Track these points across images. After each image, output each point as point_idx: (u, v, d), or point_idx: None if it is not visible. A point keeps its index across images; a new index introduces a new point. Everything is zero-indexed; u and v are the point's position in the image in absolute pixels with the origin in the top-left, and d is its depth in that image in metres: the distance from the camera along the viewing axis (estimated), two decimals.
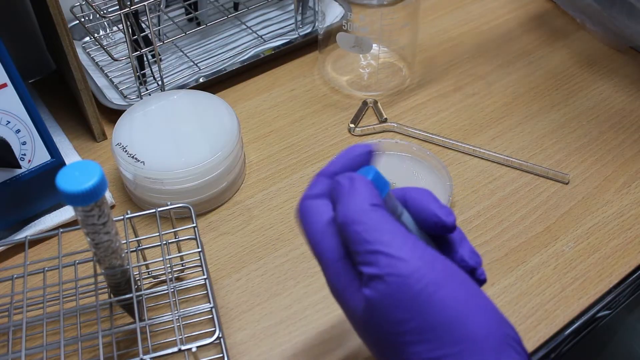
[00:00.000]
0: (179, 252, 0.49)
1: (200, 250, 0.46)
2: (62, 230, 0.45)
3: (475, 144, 0.62)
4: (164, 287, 0.43)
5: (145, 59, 0.68)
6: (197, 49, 0.74)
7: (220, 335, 0.43)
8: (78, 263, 0.46)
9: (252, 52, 0.72)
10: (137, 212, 0.47)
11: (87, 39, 0.75)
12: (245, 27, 0.76)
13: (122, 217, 0.45)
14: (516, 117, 0.66)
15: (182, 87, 0.68)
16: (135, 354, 0.39)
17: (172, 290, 0.43)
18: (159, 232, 0.45)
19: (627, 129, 0.64)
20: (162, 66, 0.70)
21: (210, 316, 0.49)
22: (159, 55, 0.66)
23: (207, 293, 0.44)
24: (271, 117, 0.67)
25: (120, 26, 0.73)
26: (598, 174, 0.60)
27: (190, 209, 0.47)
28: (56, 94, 0.69)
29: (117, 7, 0.60)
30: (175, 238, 0.48)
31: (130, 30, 0.63)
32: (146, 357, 0.38)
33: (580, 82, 0.70)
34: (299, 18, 0.76)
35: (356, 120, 0.65)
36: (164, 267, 0.45)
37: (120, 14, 0.59)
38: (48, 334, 0.46)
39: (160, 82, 0.67)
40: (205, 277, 0.45)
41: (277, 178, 0.60)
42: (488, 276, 0.52)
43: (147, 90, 0.68)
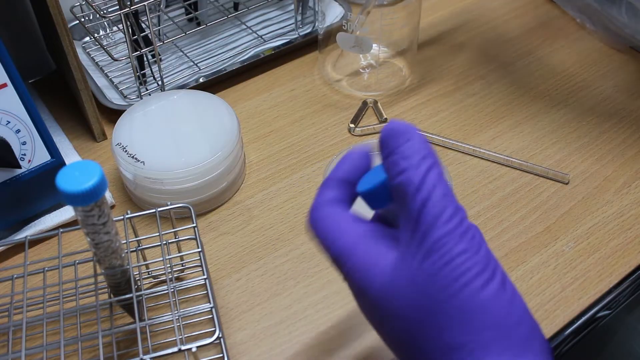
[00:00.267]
0: (179, 252, 0.49)
1: (200, 250, 0.46)
2: (62, 230, 0.45)
3: (475, 144, 0.62)
4: (164, 287, 0.43)
5: (145, 59, 0.68)
6: (197, 49, 0.74)
7: (220, 335, 0.43)
8: (78, 263, 0.46)
9: (252, 52, 0.72)
10: (137, 212, 0.47)
11: (87, 39, 0.75)
12: (245, 27, 0.76)
13: (122, 217, 0.45)
14: (516, 117, 0.66)
15: (182, 87, 0.68)
16: (135, 354, 0.39)
17: (172, 290, 0.43)
18: (159, 232, 0.45)
19: (627, 129, 0.64)
20: (162, 66, 0.70)
21: (210, 316, 0.49)
22: (159, 55, 0.66)
23: (207, 293, 0.44)
24: (271, 117, 0.67)
25: (120, 26, 0.73)
26: (598, 174, 0.60)
27: (190, 209, 0.47)
28: (56, 94, 0.69)
29: (117, 7, 0.60)
30: (175, 238, 0.48)
31: (130, 30, 0.63)
32: (146, 357, 0.38)
33: (580, 82, 0.70)
34: (299, 18, 0.76)
35: (356, 120, 0.65)
36: (164, 267, 0.45)
37: (120, 14, 0.59)
38: (48, 334, 0.46)
39: (160, 82, 0.67)
40: (205, 277, 0.45)
41: (277, 178, 0.60)
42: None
43: (147, 90, 0.68)
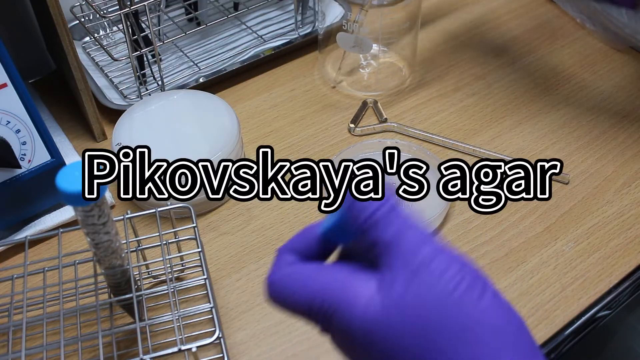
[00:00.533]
0: (179, 252, 0.49)
1: (200, 250, 0.46)
2: (62, 230, 0.45)
3: (475, 144, 0.62)
4: (164, 287, 0.43)
5: (145, 59, 0.68)
6: (197, 49, 0.74)
7: (220, 335, 0.43)
8: (78, 263, 0.46)
9: (252, 52, 0.72)
10: (137, 212, 0.47)
11: (87, 39, 0.75)
12: (245, 27, 0.76)
13: (122, 217, 0.45)
14: (516, 117, 0.66)
15: (182, 87, 0.67)
16: (135, 354, 0.39)
17: (172, 290, 0.43)
18: (159, 232, 0.45)
19: (627, 129, 0.64)
20: (162, 66, 0.70)
21: (210, 316, 0.49)
22: (159, 55, 0.66)
23: (207, 293, 0.44)
24: (271, 117, 0.67)
25: (120, 26, 0.73)
26: (598, 174, 0.60)
27: (190, 209, 0.47)
28: (56, 94, 0.69)
29: (117, 7, 0.60)
30: (175, 238, 0.48)
31: (130, 30, 0.63)
32: (146, 357, 0.38)
33: (580, 82, 0.70)
34: (299, 18, 0.76)
35: (356, 120, 0.65)
36: (164, 267, 0.45)
37: (120, 14, 0.59)
38: (48, 334, 0.46)
39: (160, 82, 0.67)
40: (205, 277, 0.45)
41: None
42: (488, 276, 0.52)
43: (147, 90, 0.68)
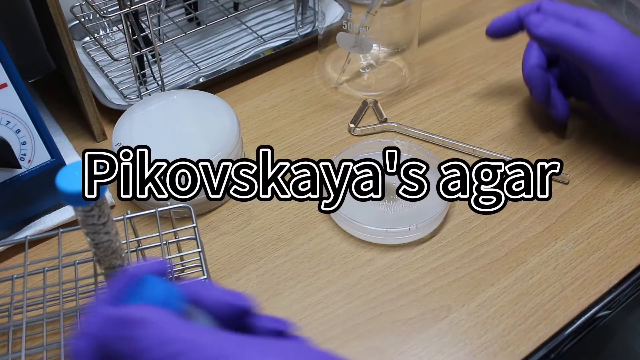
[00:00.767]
0: (179, 252, 0.49)
1: (200, 250, 0.46)
2: (62, 230, 0.45)
3: (475, 144, 0.62)
4: None
5: (145, 59, 0.68)
6: (197, 49, 0.74)
7: None
8: (78, 263, 0.46)
9: (252, 52, 0.72)
10: (137, 212, 0.47)
11: (87, 39, 0.75)
12: (245, 27, 0.76)
13: (122, 217, 0.45)
14: (516, 117, 0.66)
15: (182, 87, 0.68)
16: None
17: None
18: (159, 232, 0.45)
19: None
20: (162, 66, 0.70)
21: None
22: (159, 55, 0.66)
23: None
24: (271, 117, 0.67)
25: (120, 26, 0.73)
26: (598, 174, 0.60)
27: (190, 209, 0.47)
28: (56, 94, 0.69)
29: (117, 7, 0.60)
30: (175, 238, 0.48)
31: (130, 30, 0.63)
32: None
33: None
34: (299, 18, 0.76)
35: (356, 120, 0.65)
36: None
37: (120, 14, 0.59)
38: (48, 334, 0.46)
39: (160, 82, 0.67)
40: (205, 277, 0.45)
41: None
42: (488, 276, 0.52)
43: (147, 90, 0.68)
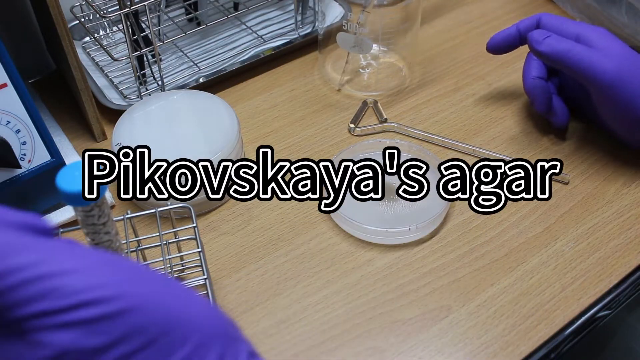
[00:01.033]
0: (179, 252, 0.49)
1: (200, 250, 0.46)
2: (62, 230, 0.45)
3: (475, 144, 0.62)
4: None
5: (145, 59, 0.68)
6: (197, 49, 0.74)
7: None
8: None
9: (252, 52, 0.72)
10: (137, 212, 0.47)
11: (87, 39, 0.75)
12: (245, 27, 0.76)
13: (122, 217, 0.45)
14: (516, 117, 0.66)
15: (182, 87, 0.68)
16: None
17: None
18: (159, 232, 0.45)
19: None
20: (162, 66, 0.70)
21: None
22: (159, 55, 0.66)
23: (207, 293, 0.44)
24: (271, 117, 0.67)
25: (120, 26, 0.73)
26: (598, 174, 0.60)
27: (190, 209, 0.47)
28: (56, 94, 0.69)
29: (117, 7, 0.60)
30: (175, 238, 0.48)
31: (130, 30, 0.63)
32: None
33: None
34: (299, 18, 0.76)
35: (356, 120, 0.65)
36: (164, 267, 0.45)
37: (120, 14, 0.59)
38: None
39: (160, 82, 0.67)
40: (205, 277, 0.45)
41: None
42: (488, 276, 0.52)
43: (147, 90, 0.68)
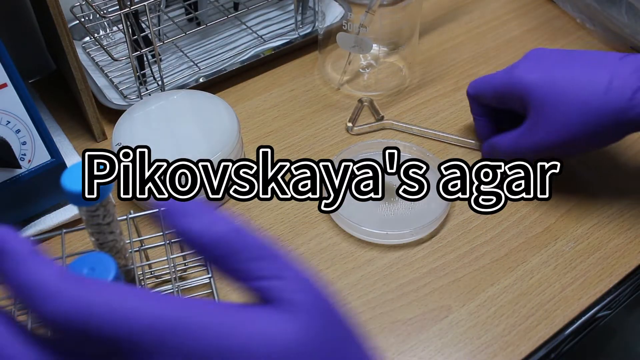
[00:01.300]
0: (182, 252, 0.49)
1: None
2: (65, 230, 0.45)
3: (475, 147, 0.62)
4: (168, 287, 0.43)
5: (145, 59, 0.68)
6: (197, 49, 0.74)
7: None
8: None
9: (252, 52, 0.72)
10: (139, 212, 0.47)
11: (87, 39, 0.74)
12: (245, 27, 0.76)
13: (124, 217, 0.45)
14: None
15: (182, 87, 0.67)
16: None
17: (177, 289, 0.43)
18: (162, 232, 0.45)
19: None
20: (162, 66, 0.70)
21: None
22: (159, 55, 0.66)
23: (212, 292, 0.44)
24: (271, 117, 0.67)
25: (120, 26, 0.73)
26: (598, 174, 0.60)
27: None
28: (56, 94, 0.69)
29: (117, 7, 0.60)
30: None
31: (130, 30, 0.63)
32: None
33: None
34: (299, 18, 0.76)
35: (353, 119, 0.65)
36: (167, 266, 0.45)
37: (120, 14, 0.59)
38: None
39: (160, 82, 0.67)
40: (209, 275, 0.45)
41: None
42: (488, 276, 0.52)
43: (147, 90, 0.68)
